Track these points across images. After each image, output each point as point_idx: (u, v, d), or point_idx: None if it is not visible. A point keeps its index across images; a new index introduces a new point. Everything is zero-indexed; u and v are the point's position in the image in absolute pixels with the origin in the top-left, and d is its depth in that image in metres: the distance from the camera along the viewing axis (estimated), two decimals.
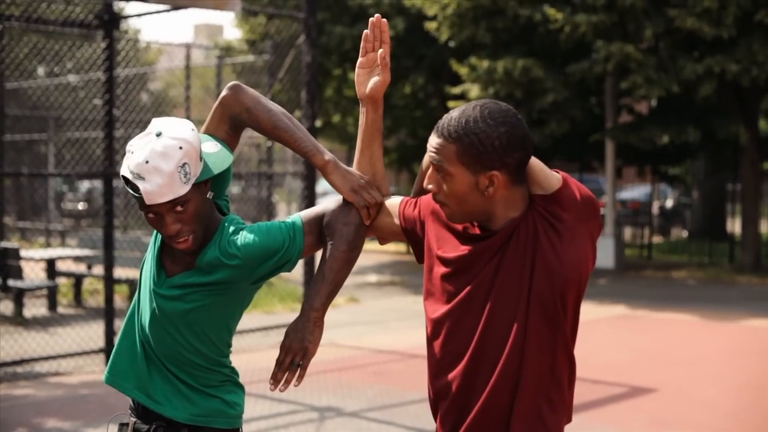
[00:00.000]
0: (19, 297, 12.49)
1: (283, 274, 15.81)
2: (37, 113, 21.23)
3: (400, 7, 20.42)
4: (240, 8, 9.05)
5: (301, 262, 11.64)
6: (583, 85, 19.79)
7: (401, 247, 26.04)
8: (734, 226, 23.31)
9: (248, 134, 15.23)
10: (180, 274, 3.04)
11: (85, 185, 28.51)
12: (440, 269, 2.91)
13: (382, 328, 12.91)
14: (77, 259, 14.43)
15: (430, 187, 2.83)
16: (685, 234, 29.57)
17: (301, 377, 3.08)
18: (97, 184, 24.72)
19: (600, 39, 17.60)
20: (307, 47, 11.33)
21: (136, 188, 2.84)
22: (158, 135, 2.86)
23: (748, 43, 16.90)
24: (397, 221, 3.12)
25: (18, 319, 12.30)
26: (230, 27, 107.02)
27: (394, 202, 3.17)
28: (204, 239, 3.01)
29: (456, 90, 19.77)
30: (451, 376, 2.87)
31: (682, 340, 12.22)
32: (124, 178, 2.88)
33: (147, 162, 2.81)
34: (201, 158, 2.94)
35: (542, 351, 2.76)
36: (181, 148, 2.84)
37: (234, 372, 3.21)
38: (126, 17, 10.62)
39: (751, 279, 18.70)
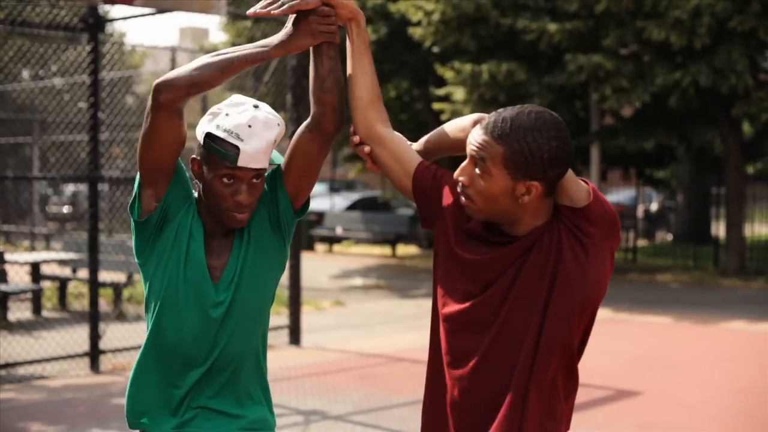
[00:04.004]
0: (3, 301, 12.44)
1: None
2: (21, 116, 21.18)
3: (383, 13, 20.44)
4: (225, 12, 9.05)
5: (286, 266, 11.65)
6: (566, 89, 19.85)
7: (386, 250, 26.06)
8: (719, 229, 23.38)
9: None
10: (227, 265, 3.07)
11: (69, 188, 28.43)
12: (458, 267, 2.88)
13: (368, 331, 12.91)
14: (62, 262, 14.39)
15: (461, 179, 2.77)
16: (669, 237, 29.66)
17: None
18: (82, 187, 24.65)
19: (575, 48, 17.69)
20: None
21: (229, 147, 2.89)
22: (256, 107, 2.96)
23: (727, 51, 16.93)
24: (406, 179, 3.02)
25: (2, 323, 12.25)
26: (216, 30, 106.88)
27: (411, 155, 3.04)
28: None
29: (441, 92, 19.81)
30: (456, 374, 2.86)
31: (666, 343, 12.25)
32: (211, 135, 2.91)
33: (250, 126, 2.90)
34: None
35: (548, 360, 2.75)
36: (279, 125, 2.98)
37: (266, 374, 3.22)
38: (111, 20, 10.61)
39: (735, 282, 18.77)
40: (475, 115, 3.00)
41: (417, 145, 3.13)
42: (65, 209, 27.44)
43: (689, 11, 16.44)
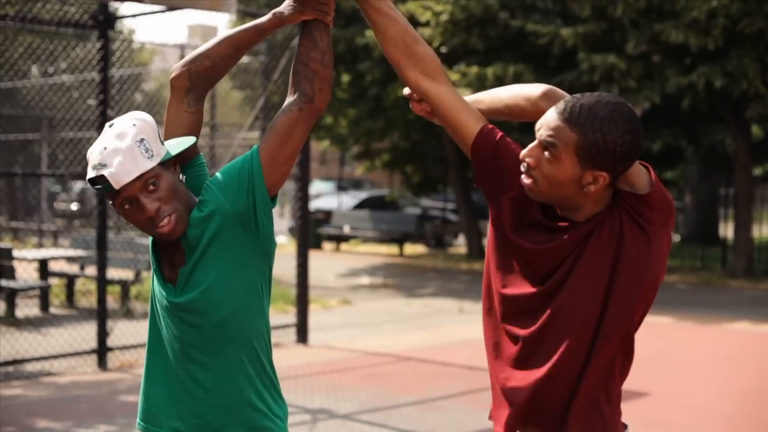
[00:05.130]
0: (11, 297, 12.47)
1: (276, 276, 15.81)
2: (30, 113, 21.21)
3: None
4: (235, 9, 9.06)
5: (293, 265, 11.67)
6: (574, 91, 19.82)
7: (394, 249, 26.06)
8: (727, 230, 23.35)
9: (242, 136, 15.21)
10: (181, 270, 2.92)
11: (78, 185, 28.47)
12: (515, 254, 2.84)
13: (375, 330, 12.92)
14: (70, 259, 14.42)
15: (528, 160, 2.72)
16: (677, 238, 29.63)
17: None
18: None
19: (588, 49, 17.67)
20: None
21: (102, 180, 2.77)
22: (111, 125, 2.84)
23: (739, 55, 16.92)
24: (467, 141, 2.93)
25: (10, 320, 12.28)
26: (224, 28, 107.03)
27: (470, 122, 2.95)
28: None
29: None
30: (508, 355, 2.85)
31: (673, 344, 12.24)
32: (90, 180, 2.81)
33: (105, 148, 2.77)
34: (162, 142, 2.89)
35: (609, 344, 2.75)
36: (134, 125, 2.80)
37: (275, 376, 3.08)
38: (121, 17, 10.62)
39: (743, 284, 18.74)
40: (544, 87, 2.98)
41: (469, 99, 3.08)
42: (73, 206, 27.49)
43: (706, 12, 16.43)
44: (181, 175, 2.95)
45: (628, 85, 17.56)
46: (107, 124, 2.86)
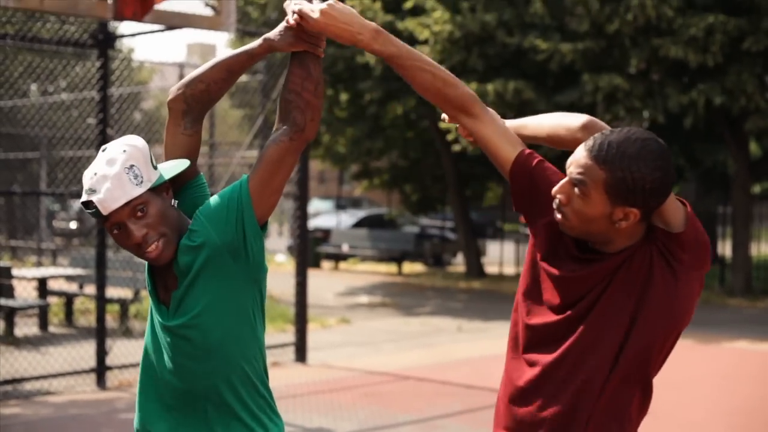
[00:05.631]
0: (10, 316, 12.47)
1: (275, 295, 15.71)
2: (30, 132, 21.24)
3: (391, 30, 20.48)
4: (234, 29, 9.08)
5: (292, 283, 11.67)
6: (574, 108, 19.88)
7: (392, 268, 26.06)
8: (725, 248, 23.36)
9: (241, 154, 15.24)
10: (173, 293, 2.95)
11: (77, 204, 28.48)
12: (546, 280, 2.86)
13: (374, 349, 12.91)
14: (69, 278, 14.42)
15: (560, 197, 2.75)
16: None
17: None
18: None
19: (587, 67, 17.72)
20: None
21: (90, 205, 2.82)
22: (104, 150, 2.88)
23: (738, 72, 16.99)
24: (506, 167, 2.97)
25: (9, 339, 12.28)
26: (223, 47, 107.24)
27: (506, 149, 2.98)
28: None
29: None
30: (524, 380, 2.85)
31: (672, 362, 12.19)
32: (82, 203, 2.85)
33: (95, 174, 2.81)
34: (155, 167, 2.90)
35: (625, 380, 2.75)
36: (124, 151, 2.83)
37: (271, 397, 3.09)
38: (121, 37, 10.66)
39: (741, 302, 18.75)
40: (585, 118, 3.02)
41: (512, 125, 3.13)
42: (72, 225, 27.50)
43: (703, 29, 16.51)
44: (173, 200, 2.98)
45: (632, 105, 17.60)
46: (101, 149, 2.89)
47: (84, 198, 2.83)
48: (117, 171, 2.80)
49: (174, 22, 8.75)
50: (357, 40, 2.90)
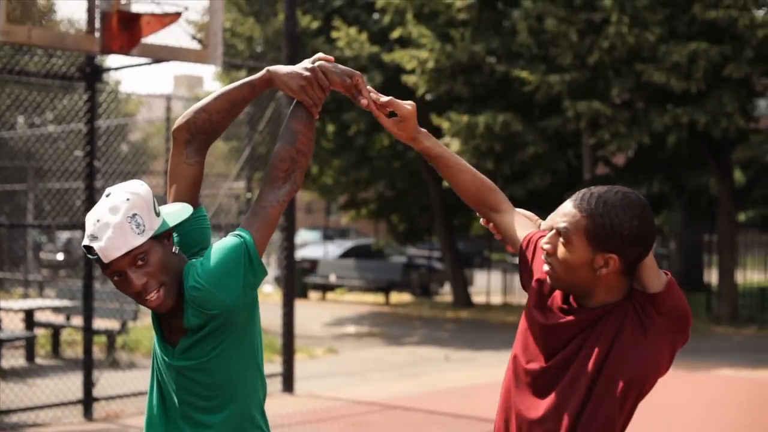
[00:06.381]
0: None
1: (262, 325, 15.83)
2: (17, 163, 21.25)
3: (378, 61, 20.62)
4: (220, 62, 9.15)
5: (279, 314, 11.68)
6: (560, 137, 20.00)
7: (380, 298, 26.07)
8: (711, 276, 23.44)
9: (228, 186, 15.29)
10: (181, 340, 2.98)
11: (64, 236, 28.45)
12: (533, 328, 3.02)
13: (361, 379, 12.92)
14: (56, 309, 14.39)
15: (546, 247, 2.93)
16: None
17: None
18: (77, 234, 24.68)
19: (572, 97, 17.88)
20: (287, 100, 11.45)
21: (92, 251, 2.83)
22: (108, 195, 2.88)
23: (718, 96, 17.19)
24: (518, 243, 3.23)
25: None
26: (210, 79, 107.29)
27: (520, 232, 3.25)
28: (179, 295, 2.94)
29: None
30: (516, 421, 3.01)
31: (658, 390, 12.20)
32: (85, 247, 2.86)
33: (98, 221, 2.82)
34: (158, 213, 2.91)
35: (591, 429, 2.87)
36: (128, 199, 2.84)
37: (266, 425, 3.14)
38: (108, 70, 10.71)
39: (727, 329, 18.81)
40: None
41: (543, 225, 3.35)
42: (59, 256, 27.44)
43: (686, 56, 16.68)
44: (174, 247, 2.99)
45: (617, 130, 17.74)
46: (105, 193, 2.90)
47: (86, 242, 2.84)
48: (119, 220, 2.81)
49: (161, 55, 8.82)
50: (414, 137, 3.31)
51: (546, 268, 2.95)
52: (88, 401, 9.95)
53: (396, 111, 3.26)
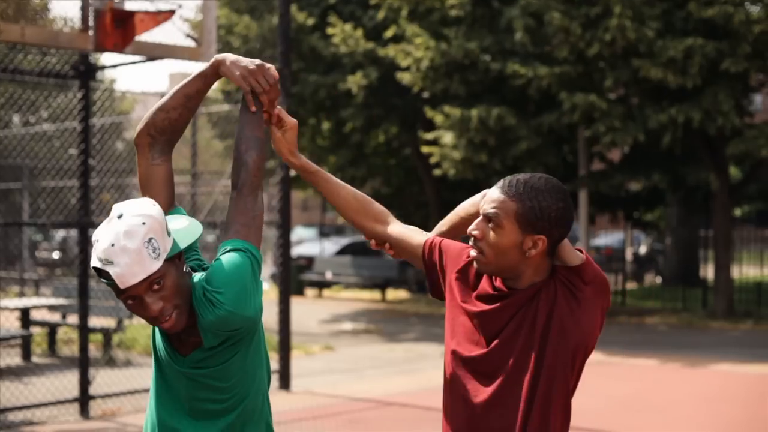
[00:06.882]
0: None
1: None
2: (12, 162, 21.22)
3: (373, 57, 20.60)
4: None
5: (275, 311, 11.68)
6: (555, 133, 20.01)
7: (376, 295, 26.07)
8: (707, 271, 23.47)
9: (223, 183, 15.27)
10: (194, 352, 2.96)
11: (59, 234, 28.43)
12: (466, 319, 3.13)
13: (358, 376, 12.92)
14: (52, 308, 14.38)
15: (475, 233, 3.05)
16: (658, 280, 29.74)
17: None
18: (72, 232, 24.67)
19: (565, 90, 17.87)
20: (282, 97, 11.44)
21: (108, 275, 2.77)
22: (120, 216, 2.80)
23: (713, 92, 17.19)
24: (419, 253, 3.35)
25: None
26: None
27: (417, 237, 3.38)
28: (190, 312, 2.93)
29: (429, 136, 19.92)
30: (466, 416, 3.14)
31: (655, 385, 12.28)
32: (95, 268, 2.80)
33: (113, 245, 2.74)
34: (169, 233, 2.87)
35: (546, 402, 3.00)
36: (144, 223, 2.78)
37: (269, 412, 3.16)
38: (102, 68, 10.69)
39: (723, 324, 18.82)
40: (484, 191, 3.30)
41: (433, 233, 3.45)
42: (55, 255, 27.43)
43: (682, 51, 16.68)
44: (186, 266, 2.96)
45: (612, 125, 17.74)
46: (115, 214, 2.82)
47: (98, 265, 2.78)
48: (137, 246, 2.75)
49: (155, 53, 8.81)
50: (294, 152, 3.36)
51: (474, 253, 3.07)
52: (84, 399, 9.94)
53: (284, 122, 3.30)
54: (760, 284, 21.75)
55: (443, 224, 3.47)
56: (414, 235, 3.38)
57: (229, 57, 3.13)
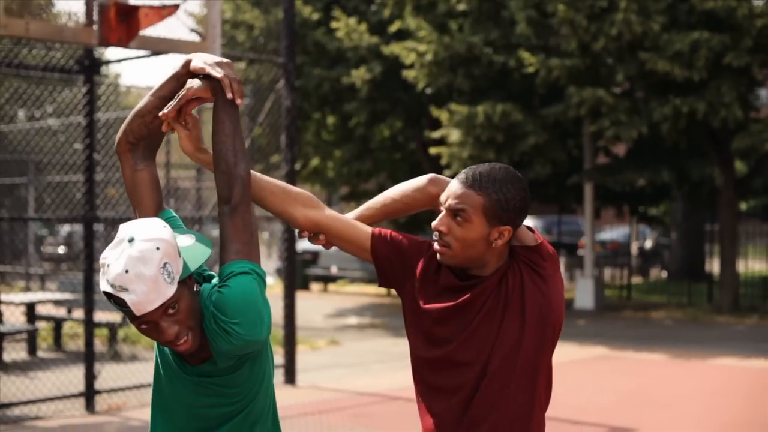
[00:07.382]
0: None
1: None
2: (17, 157, 21.24)
3: (377, 52, 20.58)
4: (220, 53, 9.13)
5: (280, 306, 11.68)
6: (560, 127, 19.97)
7: (381, 289, 26.01)
8: (713, 266, 23.44)
9: None
10: (204, 364, 2.95)
11: (65, 229, 28.45)
12: (442, 312, 3.11)
13: (363, 370, 12.92)
14: (57, 302, 14.40)
15: (441, 228, 3.05)
16: (664, 274, 29.70)
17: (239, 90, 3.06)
18: (78, 227, 24.68)
19: (573, 83, 17.83)
20: (287, 91, 11.44)
21: (122, 301, 2.71)
22: (131, 241, 2.73)
23: (717, 85, 17.16)
24: (364, 244, 3.22)
25: None
26: None
27: (360, 226, 3.25)
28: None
29: (436, 134, 19.90)
30: (447, 407, 3.12)
31: (661, 380, 12.27)
32: (106, 293, 2.74)
33: (127, 271, 2.68)
34: (179, 254, 2.82)
35: (533, 379, 3.06)
36: (158, 248, 2.72)
37: (276, 416, 3.16)
38: (107, 63, 10.69)
39: (729, 319, 18.80)
40: (429, 175, 3.33)
41: (355, 214, 3.35)
42: (60, 250, 27.44)
43: (688, 45, 16.65)
44: (196, 285, 2.94)
45: (618, 119, 17.71)
46: (125, 237, 2.76)
47: (110, 291, 2.72)
48: (153, 273, 2.70)
49: (159, 47, 8.80)
50: (200, 147, 3.16)
51: (441, 248, 3.06)
52: (90, 394, 9.95)
53: (189, 120, 3.14)
54: (766, 279, 21.74)
55: (371, 206, 3.34)
56: (356, 224, 3.25)
57: (198, 54, 3.11)
